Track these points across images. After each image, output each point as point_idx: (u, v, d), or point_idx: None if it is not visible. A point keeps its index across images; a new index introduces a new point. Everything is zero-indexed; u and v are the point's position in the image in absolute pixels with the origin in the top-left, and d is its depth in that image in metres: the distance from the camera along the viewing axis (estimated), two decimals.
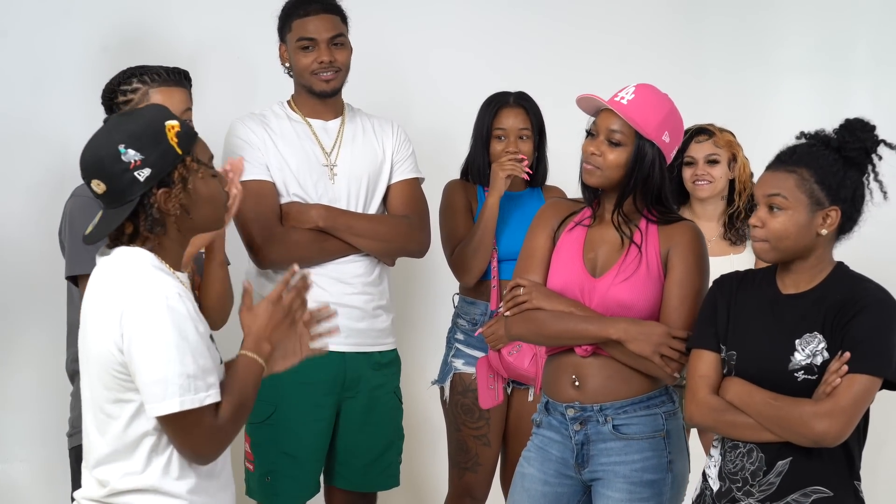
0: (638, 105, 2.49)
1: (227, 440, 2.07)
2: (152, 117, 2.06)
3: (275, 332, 2.15)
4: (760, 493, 2.28)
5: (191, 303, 2.03)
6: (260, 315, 2.14)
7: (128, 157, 2.00)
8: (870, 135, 2.29)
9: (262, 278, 3.05)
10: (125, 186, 2.01)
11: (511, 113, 3.25)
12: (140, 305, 1.98)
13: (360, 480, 3.11)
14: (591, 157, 2.52)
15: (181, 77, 2.77)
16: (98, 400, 2.05)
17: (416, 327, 4.02)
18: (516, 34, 4.19)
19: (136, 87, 2.71)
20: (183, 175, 2.04)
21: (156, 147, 2.02)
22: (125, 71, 2.76)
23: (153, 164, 2.01)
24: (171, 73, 2.75)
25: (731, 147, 3.40)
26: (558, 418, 2.57)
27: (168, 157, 2.02)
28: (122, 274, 2.04)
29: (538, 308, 2.52)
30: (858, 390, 2.18)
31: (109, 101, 2.75)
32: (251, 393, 2.10)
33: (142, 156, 2.00)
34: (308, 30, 3.00)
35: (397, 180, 3.15)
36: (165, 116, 2.07)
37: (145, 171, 2.01)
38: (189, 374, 1.97)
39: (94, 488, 2.08)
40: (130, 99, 2.71)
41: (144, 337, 1.97)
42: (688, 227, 2.56)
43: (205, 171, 2.08)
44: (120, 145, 2.01)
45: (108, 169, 2.01)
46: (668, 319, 2.48)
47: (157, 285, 2.00)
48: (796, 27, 4.39)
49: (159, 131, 2.03)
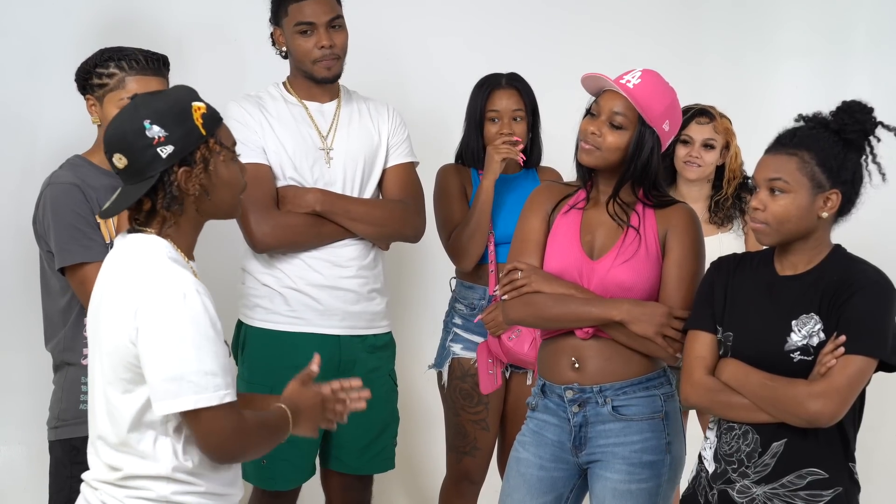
0: (644, 90, 2.48)
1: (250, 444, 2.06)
2: (179, 97, 2.07)
3: (310, 411, 2.21)
4: (756, 474, 2.29)
5: (208, 298, 2.02)
6: (308, 396, 2.20)
7: (152, 133, 2.00)
8: (868, 116, 2.29)
9: (258, 262, 3.05)
10: (147, 162, 2.01)
11: (504, 94, 3.24)
12: (157, 301, 1.97)
13: (356, 463, 3.11)
14: (591, 136, 2.50)
15: (160, 65, 2.70)
16: (109, 389, 2.04)
17: (412, 310, 4.02)
18: (513, 17, 4.18)
19: (112, 73, 2.65)
20: (205, 156, 2.04)
21: (181, 125, 2.02)
22: (102, 52, 2.69)
23: (176, 142, 2.01)
24: (149, 60, 2.68)
25: (728, 134, 3.42)
26: (556, 401, 2.56)
27: (192, 136, 2.03)
28: (138, 265, 2.02)
29: (537, 291, 2.52)
30: (853, 371, 2.18)
31: (84, 82, 2.70)
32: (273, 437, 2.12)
33: (166, 133, 2.01)
34: (306, 13, 2.98)
35: (393, 164, 3.13)
36: (193, 98, 2.07)
37: (168, 148, 2.01)
38: (207, 371, 1.96)
39: (104, 471, 2.07)
40: (106, 83, 2.65)
41: (160, 333, 1.96)
42: (684, 209, 2.56)
43: (227, 155, 2.08)
44: (145, 121, 2.01)
45: (131, 143, 2.01)
46: (668, 300, 2.48)
47: (175, 279, 1.99)
48: (795, 10, 4.39)
49: (185, 110, 2.03)
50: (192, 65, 3.73)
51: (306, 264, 3.01)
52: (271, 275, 3.02)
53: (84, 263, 2.57)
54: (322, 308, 3.00)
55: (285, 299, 3.01)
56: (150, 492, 2.02)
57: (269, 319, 3.02)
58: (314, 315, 3.00)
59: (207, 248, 3.72)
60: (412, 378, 3.62)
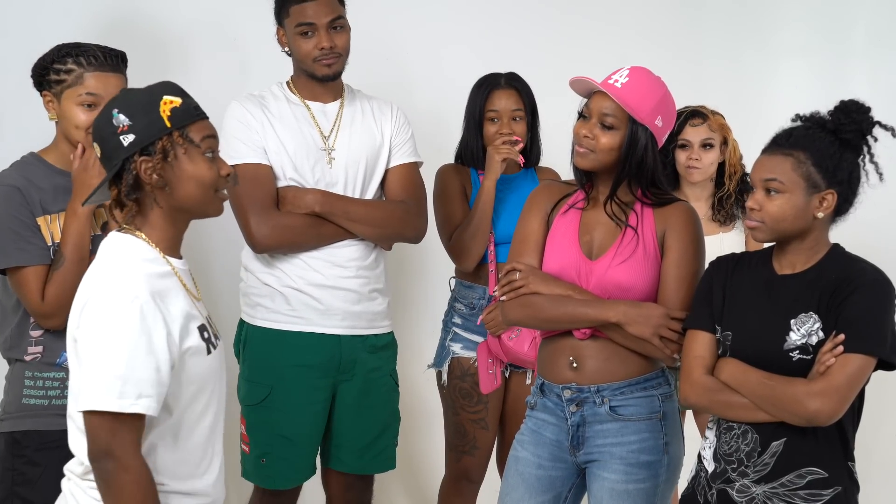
0: (632, 88, 2.48)
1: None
2: (154, 90, 2.12)
3: None
4: (755, 473, 2.29)
5: (155, 309, 2.01)
6: None
7: (117, 122, 2.07)
8: (865, 116, 2.29)
9: (258, 262, 3.05)
10: (112, 149, 2.08)
11: (503, 94, 3.24)
12: (103, 300, 2.01)
13: (357, 463, 3.11)
14: (584, 139, 2.51)
15: (118, 61, 2.68)
16: (73, 386, 2.07)
17: (412, 310, 4.02)
18: (513, 17, 4.17)
19: (70, 69, 2.63)
20: (165, 147, 2.08)
21: (145, 116, 2.07)
22: (60, 48, 2.66)
23: (138, 132, 2.07)
24: (108, 56, 2.65)
25: (723, 130, 3.42)
26: (554, 400, 2.57)
27: (154, 127, 2.07)
28: (100, 265, 2.08)
29: (535, 292, 2.52)
30: (852, 370, 2.18)
31: (41, 78, 2.66)
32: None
33: (130, 122, 2.07)
34: (307, 14, 2.99)
35: (395, 164, 3.13)
36: (169, 92, 2.12)
37: (129, 137, 2.07)
38: (118, 375, 1.97)
39: (74, 463, 2.13)
40: (64, 79, 2.63)
41: (90, 333, 2.00)
42: (683, 207, 2.56)
43: (191, 150, 2.10)
44: (114, 109, 2.08)
45: (101, 131, 2.10)
46: (667, 300, 2.48)
47: (121, 284, 2.01)
48: (794, 10, 4.39)
49: (153, 102, 2.09)
50: (194, 65, 3.74)
51: (307, 264, 3.01)
52: (272, 274, 3.02)
53: (21, 267, 2.56)
54: (323, 308, 3.01)
55: (286, 299, 3.01)
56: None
57: (271, 319, 3.03)
58: (315, 315, 3.01)
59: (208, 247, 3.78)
60: (412, 378, 3.63)
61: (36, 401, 2.61)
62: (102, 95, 2.59)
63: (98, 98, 2.61)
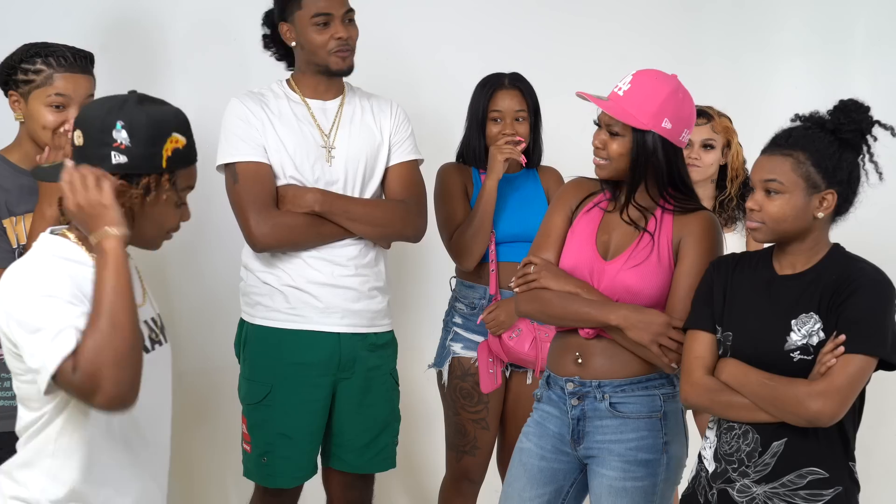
0: (632, 95, 2.47)
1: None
2: (166, 119, 2.01)
3: None
4: (756, 473, 2.29)
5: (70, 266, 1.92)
6: None
7: (117, 136, 1.97)
8: (864, 115, 2.29)
9: (258, 261, 3.05)
10: (96, 155, 1.97)
11: (507, 95, 3.24)
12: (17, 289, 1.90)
13: (357, 462, 3.11)
14: (597, 150, 2.52)
15: (87, 62, 2.64)
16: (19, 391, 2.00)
17: (412, 309, 4.02)
18: (514, 17, 4.18)
19: (39, 69, 2.58)
20: (150, 185, 2.00)
21: (147, 147, 1.98)
22: (28, 48, 2.61)
23: (132, 158, 1.97)
24: (77, 57, 2.60)
25: (728, 133, 3.40)
26: (558, 392, 2.58)
27: (151, 163, 1.98)
28: (23, 261, 1.97)
29: (545, 287, 2.53)
30: (853, 370, 2.18)
31: (7, 77, 2.61)
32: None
33: (129, 144, 1.97)
34: (322, 5, 2.97)
35: (395, 162, 3.12)
36: (179, 128, 2.02)
37: (121, 158, 1.97)
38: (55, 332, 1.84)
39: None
40: (32, 79, 2.59)
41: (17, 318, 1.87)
42: (703, 216, 2.53)
43: (171, 196, 2.03)
44: (120, 121, 1.97)
45: (95, 131, 1.98)
46: (675, 308, 2.46)
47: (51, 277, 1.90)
48: (794, 10, 4.39)
49: (161, 136, 1.99)
50: (194, 62, 3.74)
51: (306, 263, 3.01)
52: (272, 273, 3.02)
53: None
54: (322, 306, 3.00)
55: (286, 297, 3.01)
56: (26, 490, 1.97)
57: (270, 317, 3.03)
58: (314, 313, 3.00)
59: (208, 247, 3.78)
60: (412, 377, 3.63)
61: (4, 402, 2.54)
62: (71, 96, 2.57)
63: (67, 99, 2.57)
